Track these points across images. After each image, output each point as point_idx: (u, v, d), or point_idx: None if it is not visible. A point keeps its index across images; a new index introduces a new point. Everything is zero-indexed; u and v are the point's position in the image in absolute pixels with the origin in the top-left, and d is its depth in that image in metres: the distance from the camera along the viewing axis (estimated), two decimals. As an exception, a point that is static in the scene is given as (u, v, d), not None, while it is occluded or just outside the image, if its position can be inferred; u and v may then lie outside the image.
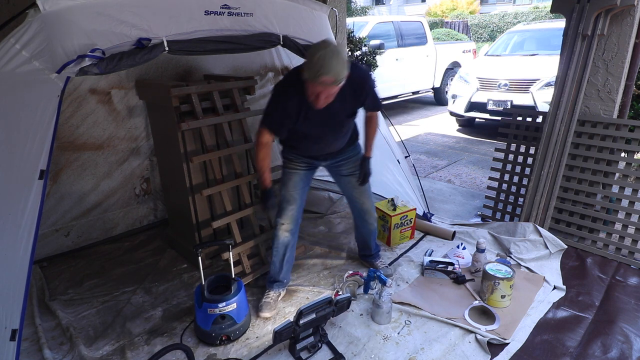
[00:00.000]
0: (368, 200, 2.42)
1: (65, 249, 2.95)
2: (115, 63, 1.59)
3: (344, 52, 1.71)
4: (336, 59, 1.64)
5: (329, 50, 1.64)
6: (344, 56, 1.69)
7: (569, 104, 2.80)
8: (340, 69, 1.66)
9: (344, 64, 1.68)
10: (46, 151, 1.50)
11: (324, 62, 1.62)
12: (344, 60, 1.68)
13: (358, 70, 1.93)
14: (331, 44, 1.69)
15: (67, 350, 2.04)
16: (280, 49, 3.26)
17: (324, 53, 1.63)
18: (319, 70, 1.63)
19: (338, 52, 1.66)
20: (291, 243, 2.29)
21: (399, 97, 7.99)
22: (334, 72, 1.65)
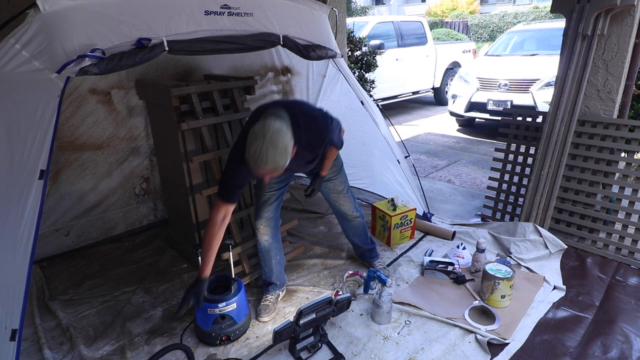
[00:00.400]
0: (346, 202, 2.43)
1: (65, 249, 2.95)
2: (115, 63, 1.59)
3: (285, 139, 1.57)
4: (273, 150, 1.54)
5: (266, 143, 1.53)
6: (283, 144, 1.56)
7: (569, 104, 2.80)
8: (278, 159, 1.56)
9: (283, 152, 1.56)
10: (46, 151, 1.49)
11: (260, 154, 1.54)
12: (284, 148, 1.56)
13: (314, 130, 1.84)
14: (270, 131, 1.55)
15: (67, 350, 2.04)
16: (280, 49, 3.26)
17: (260, 145, 1.54)
18: (256, 162, 1.56)
19: (275, 143, 1.54)
20: (273, 246, 2.28)
21: (399, 97, 8.00)
22: (272, 164, 1.56)
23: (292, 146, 1.62)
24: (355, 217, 2.50)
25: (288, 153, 1.59)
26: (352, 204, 2.46)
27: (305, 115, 1.81)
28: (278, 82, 3.48)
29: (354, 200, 2.48)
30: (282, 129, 1.58)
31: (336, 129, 1.97)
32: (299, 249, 2.86)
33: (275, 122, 1.58)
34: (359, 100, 2.89)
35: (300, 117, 1.76)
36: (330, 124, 1.90)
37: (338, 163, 2.32)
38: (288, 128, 1.61)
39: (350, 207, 2.46)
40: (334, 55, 2.58)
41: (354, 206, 2.48)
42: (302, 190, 2.70)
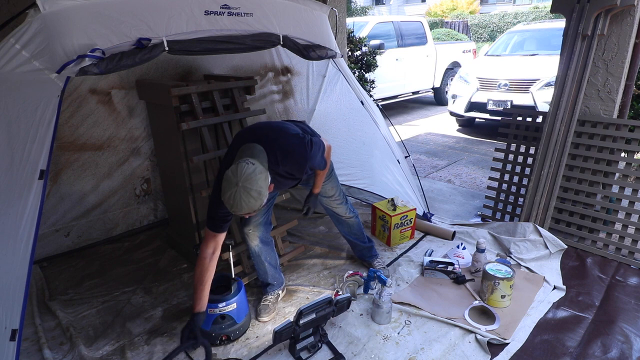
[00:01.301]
0: (339, 206, 2.44)
1: (65, 249, 2.96)
2: (115, 63, 1.59)
3: (258, 182, 1.57)
4: (246, 196, 1.55)
5: (239, 190, 1.54)
6: (256, 188, 1.56)
7: (569, 104, 2.80)
8: (252, 204, 1.57)
9: (257, 196, 1.57)
10: (46, 151, 1.49)
11: (235, 201, 1.56)
12: (257, 192, 1.56)
13: (292, 162, 1.83)
14: (242, 177, 1.55)
15: (67, 350, 2.04)
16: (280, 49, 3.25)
17: (233, 192, 1.55)
18: (232, 207, 1.58)
19: (248, 190, 1.54)
20: (263, 250, 2.27)
21: (399, 97, 7.99)
22: (247, 209, 1.58)
23: (267, 186, 1.62)
24: (349, 218, 2.51)
25: (263, 195, 1.59)
26: (344, 206, 2.46)
27: (282, 149, 1.79)
28: (278, 82, 3.48)
29: (347, 203, 2.48)
30: (255, 172, 1.58)
31: (317, 154, 1.91)
32: (299, 249, 2.86)
33: (248, 167, 1.58)
34: (359, 100, 2.89)
35: (277, 152, 1.77)
36: (308, 152, 1.84)
37: (329, 168, 2.28)
38: (262, 169, 1.61)
39: (343, 210, 2.46)
40: (334, 55, 2.58)
41: (347, 208, 2.48)
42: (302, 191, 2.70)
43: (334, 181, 2.36)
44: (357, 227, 2.57)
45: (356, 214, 2.54)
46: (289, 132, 1.87)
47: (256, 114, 2.72)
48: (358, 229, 2.58)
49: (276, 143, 1.79)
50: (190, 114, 2.44)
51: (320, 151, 1.96)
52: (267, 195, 1.62)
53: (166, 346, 2.06)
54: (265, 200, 1.63)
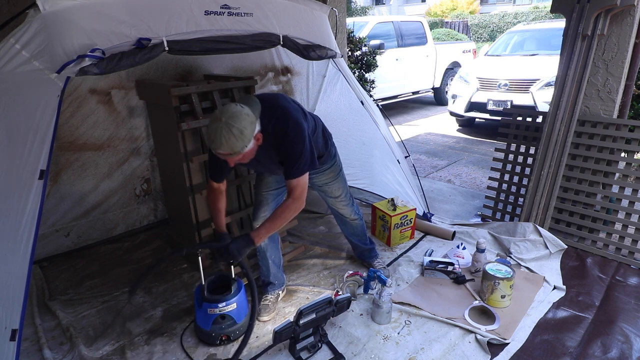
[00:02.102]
0: (345, 207, 2.41)
1: (65, 249, 2.95)
2: (115, 63, 1.59)
3: (242, 122, 1.55)
4: (228, 133, 1.53)
5: (222, 125, 1.53)
6: (239, 127, 1.54)
7: (569, 104, 2.80)
8: (233, 142, 1.54)
9: (239, 135, 1.54)
10: (46, 151, 1.49)
11: (215, 137, 1.54)
12: (239, 131, 1.54)
13: (283, 124, 1.74)
14: (227, 114, 1.55)
15: (67, 350, 2.04)
16: (280, 49, 3.26)
17: (215, 127, 1.54)
18: (212, 144, 1.57)
19: (230, 126, 1.53)
20: (270, 246, 2.28)
21: (399, 97, 8.00)
22: (227, 147, 1.55)
23: (253, 130, 1.60)
24: (353, 220, 2.49)
25: (245, 136, 1.56)
26: (350, 208, 2.42)
27: (278, 106, 1.77)
28: (278, 82, 3.48)
29: (353, 204, 2.45)
30: (242, 113, 1.57)
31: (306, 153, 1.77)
32: (299, 249, 2.86)
33: (236, 107, 1.57)
34: (359, 100, 2.89)
35: (271, 107, 1.74)
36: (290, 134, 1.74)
37: (337, 168, 2.26)
38: (251, 114, 1.60)
39: (348, 211, 2.43)
40: (334, 55, 2.58)
41: (353, 210, 2.45)
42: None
43: (340, 182, 2.31)
44: (361, 229, 2.55)
45: (361, 215, 2.52)
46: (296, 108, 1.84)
47: (256, 114, 2.71)
48: (361, 231, 2.56)
49: (276, 102, 1.79)
50: (190, 114, 2.44)
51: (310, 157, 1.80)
52: (251, 141, 1.60)
53: (166, 346, 2.07)
54: (248, 147, 1.59)
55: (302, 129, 1.78)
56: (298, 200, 1.80)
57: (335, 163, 2.25)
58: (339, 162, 2.30)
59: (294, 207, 1.80)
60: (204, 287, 2.05)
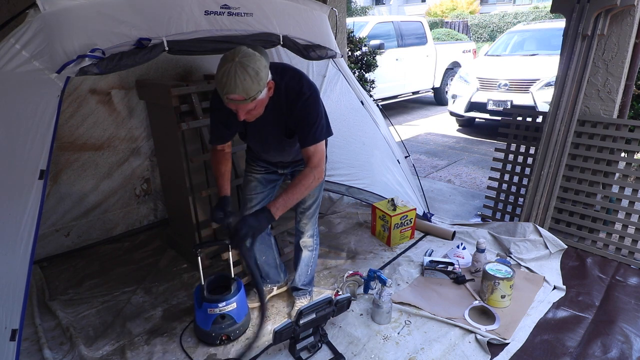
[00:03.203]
0: (306, 224, 2.13)
1: (65, 249, 2.96)
2: (115, 63, 1.59)
3: (257, 63, 1.45)
4: (243, 73, 1.41)
5: (235, 64, 1.41)
6: (254, 67, 1.43)
7: (569, 104, 2.81)
8: (249, 85, 1.42)
9: (255, 76, 1.43)
10: (46, 151, 1.49)
11: (228, 78, 1.41)
12: (255, 71, 1.43)
13: (297, 83, 1.64)
14: (240, 54, 1.44)
15: (67, 350, 2.04)
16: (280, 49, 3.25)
17: (228, 68, 1.41)
18: (224, 87, 1.44)
19: (245, 66, 1.41)
20: (257, 247, 2.24)
21: (399, 97, 8.00)
22: (242, 90, 1.43)
23: (266, 75, 1.49)
24: (307, 243, 2.18)
25: (261, 79, 1.45)
26: (311, 229, 2.15)
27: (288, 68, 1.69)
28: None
29: (315, 228, 2.18)
30: (255, 55, 1.45)
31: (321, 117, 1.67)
32: (299, 249, 2.85)
33: (248, 50, 1.46)
34: (359, 100, 2.89)
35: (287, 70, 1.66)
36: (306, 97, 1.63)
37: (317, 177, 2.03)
38: (264, 60, 1.48)
39: (308, 230, 2.14)
40: (334, 55, 2.58)
41: (312, 234, 2.16)
42: None
43: (316, 192, 2.06)
44: (307, 261, 2.23)
45: (315, 247, 2.22)
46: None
47: (256, 114, 2.71)
48: (305, 264, 2.24)
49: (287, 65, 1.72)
50: (190, 114, 2.44)
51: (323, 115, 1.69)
52: (265, 87, 1.49)
53: (166, 346, 2.07)
54: (263, 93, 1.49)
55: (317, 91, 1.68)
56: (316, 169, 1.67)
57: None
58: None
59: (312, 175, 1.66)
60: (203, 287, 2.05)
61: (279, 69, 1.69)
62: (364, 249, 2.91)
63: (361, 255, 2.83)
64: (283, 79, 1.65)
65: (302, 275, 2.27)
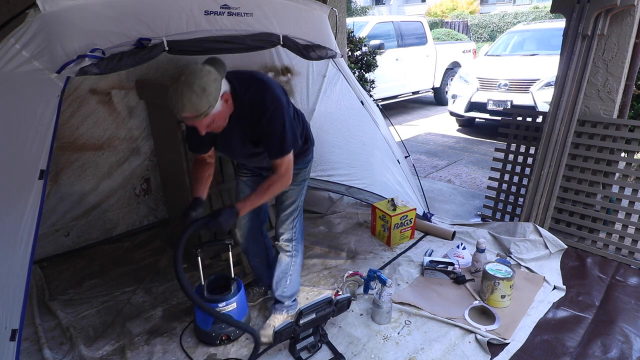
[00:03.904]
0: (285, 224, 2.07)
1: (65, 249, 2.95)
2: (115, 63, 1.59)
3: (204, 78, 1.42)
4: (189, 91, 1.39)
5: (181, 83, 1.41)
6: (200, 83, 1.40)
7: (569, 104, 2.80)
8: (196, 102, 1.40)
9: (201, 92, 1.40)
10: (46, 151, 1.49)
11: (175, 97, 1.42)
12: (201, 88, 1.40)
13: (261, 97, 1.62)
14: (187, 72, 1.43)
15: (67, 350, 2.04)
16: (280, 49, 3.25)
17: (175, 87, 1.41)
18: (174, 107, 1.44)
19: (191, 83, 1.40)
20: (249, 251, 2.25)
21: (399, 97, 8.00)
22: (190, 107, 1.41)
23: (217, 88, 1.45)
24: (285, 247, 2.08)
25: (210, 94, 1.42)
26: (290, 231, 2.05)
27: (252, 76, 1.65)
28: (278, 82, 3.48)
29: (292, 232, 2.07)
30: (203, 70, 1.43)
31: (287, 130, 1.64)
32: (299, 249, 2.85)
33: (197, 66, 1.44)
34: (359, 100, 2.89)
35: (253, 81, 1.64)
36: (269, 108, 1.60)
37: (303, 175, 2.03)
38: (214, 72, 1.45)
39: (282, 230, 2.05)
40: (334, 55, 2.58)
41: (289, 238, 2.06)
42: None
43: (297, 191, 2.01)
44: (284, 268, 2.11)
45: (293, 255, 2.11)
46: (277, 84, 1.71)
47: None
48: (282, 271, 2.11)
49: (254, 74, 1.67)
50: (190, 114, 2.43)
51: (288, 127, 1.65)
52: (216, 99, 1.46)
53: (166, 346, 2.07)
54: (216, 106, 1.46)
55: (281, 103, 1.65)
56: (284, 177, 1.71)
57: (303, 170, 2.03)
58: (307, 174, 2.09)
59: (279, 182, 1.71)
60: (203, 287, 2.05)
61: (244, 80, 1.66)
62: (364, 249, 2.91)
63: (361, 255, 2.83)
64: (247, 92, 1.64)
65: (279, 283, 2.11)
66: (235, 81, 1.63)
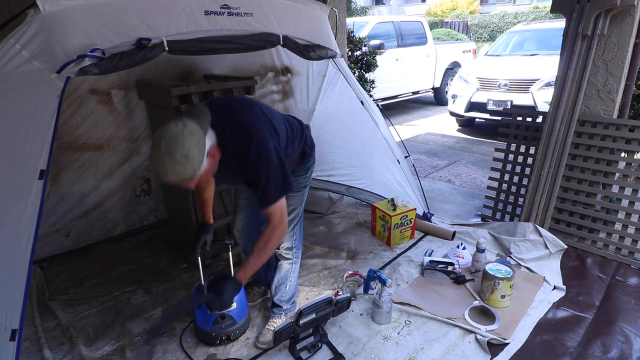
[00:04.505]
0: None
1: (65, 249, 2.95)
2: (115, 63, 1.59)
3: (185, 144, 1.33)
4: (171, 161, 1.32)
5: (162, 152, 1.33)
6: (182, 151, 1.32)
7: (569, 104, 2.80)
8: (180, 170, 1.33)
9: (184, 161, 1.33)
10: (46, 151, 1.49)
11: (159, 166, 1.35)
12: (184, 156, 1.32)
13: (244, 145, 1.54)
14: (166, 138, 1.33)
15: (67, 350, 2.04)
16: (280, 49, 3.25)
17: (157, 155, 1.34)
18: (159, 174, 1.37)
19: (172, 153, 1.31)
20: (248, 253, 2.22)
21: (399, 97, 8.00)
22: (175, 176, 1.35)
23: (201, 149, 1.38)
24: (285, 253, 2.05)
25: (193, 160, 1.35)
26: (288, 240, 2.02)
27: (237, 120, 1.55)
28: (278, 82, 3.48)
29: (292, 240, 2.04)
30: (184, 132, 1.34)
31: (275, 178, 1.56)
32: (299, 249, 2.85)
33: (177, 126, 1.35)
34: (359, 100, 2.89)
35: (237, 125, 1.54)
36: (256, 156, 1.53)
37: (304, 181, 2.00)
38: (195, 129, 1.37)
39: (286, 238, 2.00)
40: (334, 55, 2.58)
41: (289, 246, 2.04)
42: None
43: (298, 197, 1.99)
44: (284, 274, 2.09)
45: (296, 259, 2.10)
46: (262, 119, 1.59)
47: (256, 114, 2.71)
48: (282, 277, 2.10)
49: (238, 114, 1.57)
50: (190, 114, 2.43)
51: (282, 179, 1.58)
52: (201, 161, 1.37)
53: (166, 346, 2.07)
54: (202, 168, 1.39)
55: (268, 150, 1.56)
56: (279, 227, 1.62)
57: (302, 176, 2.00)
58: (308, 179, 2.05)
59: (275, 235, 1.63)
60: (203, 287, 2.05)
61: (228, 122, 1.55)
62: (364, 249, 2.91)
63: (361, 255, 2.83)
64: (231, 138, 1.55)
65: (279, 289, 2.12)
66: (218, 124, 1.53)
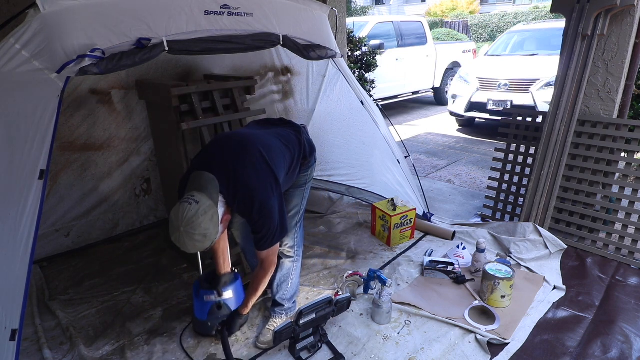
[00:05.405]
0: None
1: (65, 249, 2.95)
2: (115, 63, 1.59)
3: (202, 226, 1.47)
4: (191, 240, 1.47)
5: (182, 235, 1.47)
6: (200, 231, 1.47)
7: (569, 104, 2.80)
8: (200, 245, 1.50)
9: (202, 238, 1.48)
10: (46, 151, 1.49)
11: (180, 244, 1.50)
12: (202, 235, 1.47)
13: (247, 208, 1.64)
14: (184, 222, 1.46)
15: (67, 350, 2.04)
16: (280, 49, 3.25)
17: (177, 237, 1.49)
18: (181, 248, 1.52)
19: (191, 235, 1.46)
20: (247, 249, 2.25)
21: (399, 97, 7.99)
22: (196, 249, 1.53)
23: (216, 222, 1.52)
24: (287, 252, 2.09)
25: (209, 235, 1.50)
26: (290, 238, 2.05)
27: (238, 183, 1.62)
28: (278, 82, 3.48)
29: (294, 239, 2.08)
30: (198, 214, 1.46)
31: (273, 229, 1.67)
32: (299, 249, 2.85)
33: (191, 208, 1.47)
34: (359, 100, 2.89)
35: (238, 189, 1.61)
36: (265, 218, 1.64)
37: (306, 179, 2.04)
38: (208, 206, 1.50)
39: (288, 238, 2.05)
40: (334, 55, 2.58)
41: (292, 245, 2.08)
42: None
43: (300, 195, 2.04)
44: (286, 273, 2.12)
45: (297, 258, 2.13)
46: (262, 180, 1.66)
47: (256, 114, 2.71)
48: (284, 276, 2.12)
49: (240, 177, 1.62)
50: (190, 114, 2.44)
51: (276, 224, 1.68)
52: (217, 232, 1.54)
53: (166, 346, 2.07)
54: (219, 234, 1.56)
55: (270, 211, 1.65)
56: (269, 269, 1.80)
57: (304, 174, 2.03)
58: (310, 177, 2.07)
59: (266, 276, 1.82)
60: (201, 278, 2.07)
61: (230, 185, 1.61)
62: (364, 249, 2.91)
63: (361, 255, 2.83)
64: (235, 201, 1.63)
65: (281, 287, 2.14)
66: (221, 186, 1.60)
